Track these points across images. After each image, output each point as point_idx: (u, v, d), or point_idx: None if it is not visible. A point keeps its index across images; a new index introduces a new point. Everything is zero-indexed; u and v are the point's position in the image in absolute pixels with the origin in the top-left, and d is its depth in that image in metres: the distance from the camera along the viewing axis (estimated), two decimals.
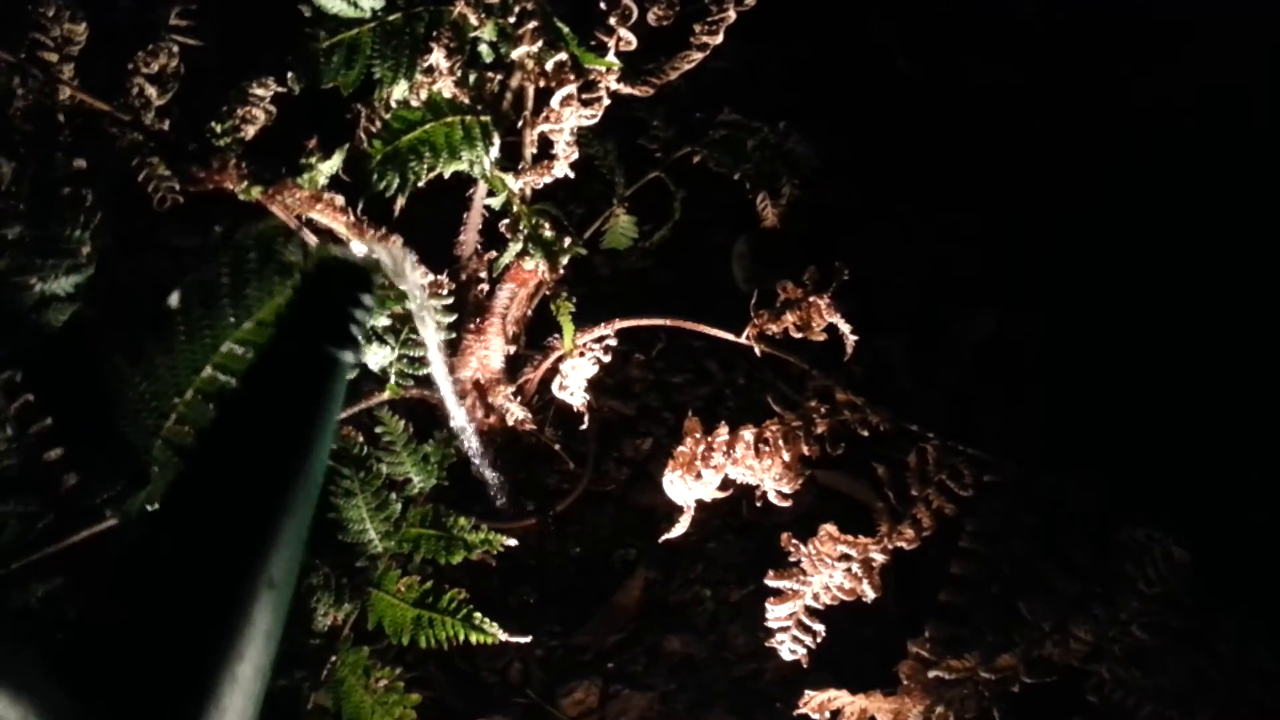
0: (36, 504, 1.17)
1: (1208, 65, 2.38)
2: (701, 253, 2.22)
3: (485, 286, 1.56)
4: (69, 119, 1.26)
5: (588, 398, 1.54)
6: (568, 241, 1.32)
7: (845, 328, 1.29)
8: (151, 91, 1.19)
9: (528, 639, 1.48)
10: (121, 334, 1.34)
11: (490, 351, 1.53)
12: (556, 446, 1.79)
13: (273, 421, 0.83)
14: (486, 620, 1.33)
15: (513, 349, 1.63)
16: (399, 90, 1.27)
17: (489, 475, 1.63)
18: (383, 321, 1.41)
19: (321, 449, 0.83)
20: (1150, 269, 2.20)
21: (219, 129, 1.14)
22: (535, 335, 1.71)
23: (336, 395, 0.87)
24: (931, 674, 1.10)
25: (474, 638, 1.32)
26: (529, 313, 1.63)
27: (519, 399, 1.62)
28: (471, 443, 1.51)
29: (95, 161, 1.26)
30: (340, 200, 1.33)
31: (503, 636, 1.32)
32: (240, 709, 0.68)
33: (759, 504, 1.31)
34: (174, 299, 1.29)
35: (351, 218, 1.24)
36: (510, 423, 1.60)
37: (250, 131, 1.23)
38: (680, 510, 1.35)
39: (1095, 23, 2.53)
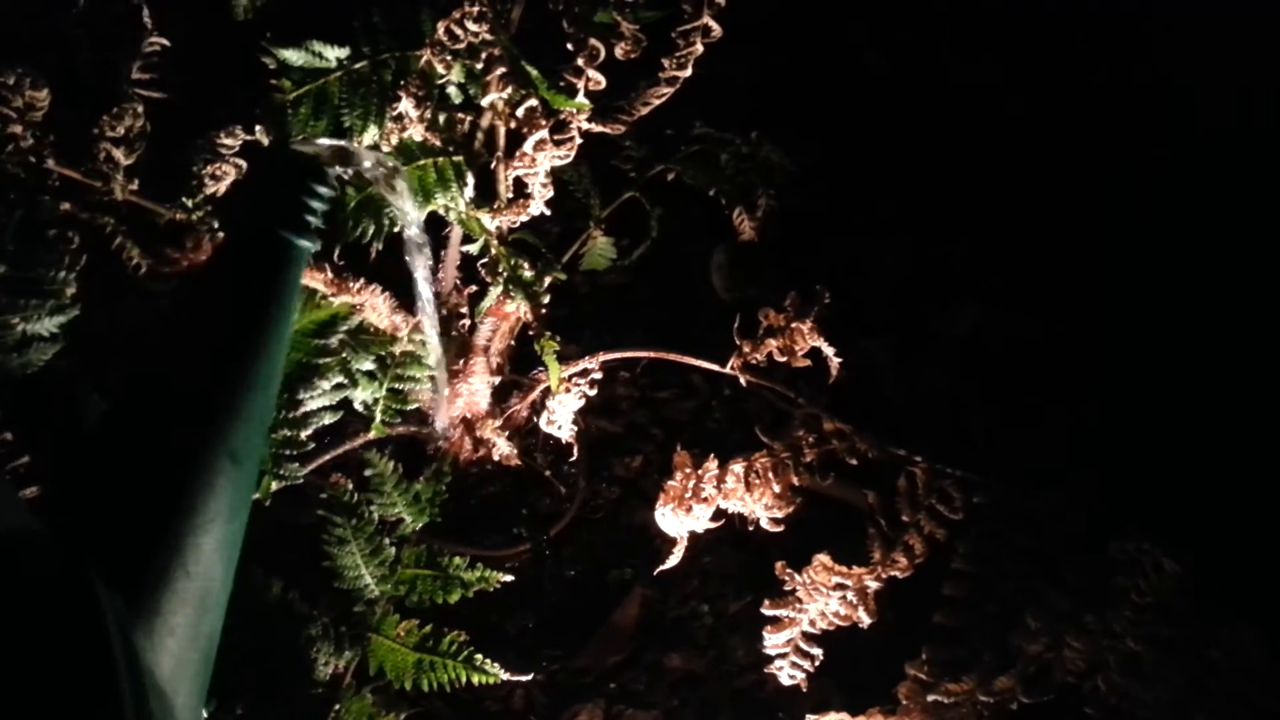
0: None
1: (1181, 57, 2.39)
2: (680, 265, 2.22)
3: (467, 322, 1.56)
4: (42, 180, 1.24)
5: (575, 428, 1.54)
6: (548, 281, 1.31)
7: (829, 350, 1.29)
8: (118, 154, 1.17)
9: (529, 676, 1.48)
10: (98, 379, 1.33)
11: (476, 390, 1.53)
12: (547, 472, 1.79)
13: (230, 302, 0.84)
14: (488, 661, 1.34)
15: (498, 379, 1.63)
16: (369, 137, 1.26)
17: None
18: (366, 365, 1.41)
19: (280, 329, 0.84)
20: (1131, 261, 2.21)
21: (190, 204, 1.13)
22: (519, 362, 1.71)
23: (294, 280, 0.88)
24: (930, 698, 1.11)
25: (476, 679, 1.33)
26: (512, 343, 1.62)
27: (506, 431, 1.62)
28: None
29: (71, 218, 1.25)
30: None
31: (504, 676, 1.33)
32: (204, 578, 0.67)
33: (751, 527, 1.32)
34: None
35: (330, 274, 1.23)
36: (497, 457, 1.60)
37: (221, 188, 1.21)
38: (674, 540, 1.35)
39: (1068, 15, 2.53)
